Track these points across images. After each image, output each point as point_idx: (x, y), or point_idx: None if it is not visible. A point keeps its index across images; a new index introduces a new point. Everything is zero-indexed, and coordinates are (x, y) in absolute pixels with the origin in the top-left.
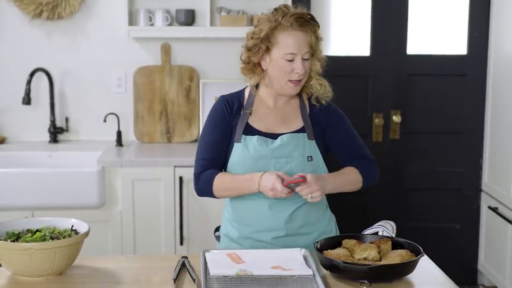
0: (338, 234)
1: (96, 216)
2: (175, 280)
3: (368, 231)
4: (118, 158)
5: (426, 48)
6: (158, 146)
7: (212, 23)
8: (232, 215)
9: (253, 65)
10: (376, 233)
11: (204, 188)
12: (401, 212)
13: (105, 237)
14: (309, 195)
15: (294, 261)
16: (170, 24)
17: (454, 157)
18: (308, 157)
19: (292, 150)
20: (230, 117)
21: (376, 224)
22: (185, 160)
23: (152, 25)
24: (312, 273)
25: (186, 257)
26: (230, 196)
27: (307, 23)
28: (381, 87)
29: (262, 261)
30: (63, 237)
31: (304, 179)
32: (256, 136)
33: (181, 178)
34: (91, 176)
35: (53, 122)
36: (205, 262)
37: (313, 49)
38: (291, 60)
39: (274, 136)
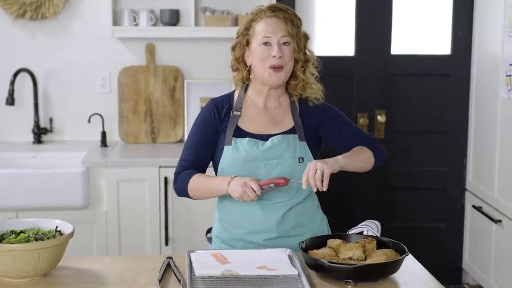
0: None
1: (80, 216)
2: (160, 280)
3: (353, 231)
4: (102, 158)
5: (410, 48)
6: (143, 147)
7: (196, 23)
8: (223, 217)
9: (237, 62)
10: (361, 233)
11: (181, 187)
12: (386, 212)
13: (90, 238)
14: (318, 171)
15: (280, 261)
16: (154, 24)
17: (439, 156)
18: (299, 158)
19: (283, 152)
20: (218, 121)
21: (361, 223)
22: (170, 160)
23: (136, 25)
24: (297, 273)
25: (171, 258)
26: (202, 197)
27: (280, 10)
28: (365, 87)
29: (247, 261)
30: (48, 238)
31: (284, 180)
32: (246, 138)
33: (166, 179)
34: (75, 176)
35: (37, 122)
36: (190, 263)
37: (292, 37)
38: (269, 46)
39: (265, 138)
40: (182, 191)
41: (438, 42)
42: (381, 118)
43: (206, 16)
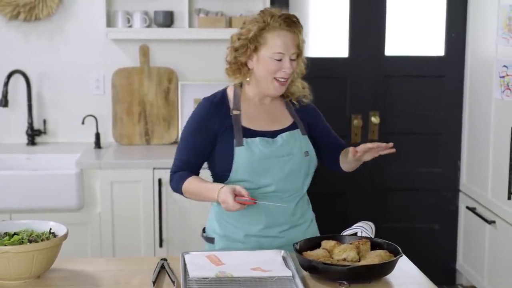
0: (315, 222)
1: (74, 218)
2: (154, 282)
3: (347, 232)
4: (96, 160)
5: (404, 49)
6: (137, 148)
7: (190, 25)
8: (233, 216)
9: (240, 65)
10: (355, 234)
11: (176, 188)
12: (380, 213)
13: (84, 240)
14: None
15: (274, 262)
16: (148, 26)
17: (432, 158)
18: (305, 152)
19: (293, 147)
20: (217, 122)
21: (355, 225)
22: (164, 162)
23: (130, 26)
24: (291, 274)
25: (165, 259)
26: (196, 200)
27: (294, 24)
28: (359, 89)
29: (241, 263)
30: (41, 240)
31: (254, 202)
32: (257, 138)
33: (160, 180)
34: (69, 178)
35: (30, 124)
36: (185, 264)
37: (300, 50)
38: (279, 60)
39: (270, 135)
40: (177, 191)
41: (432, 44)
42: (375, 120)
43: (200, 17)
